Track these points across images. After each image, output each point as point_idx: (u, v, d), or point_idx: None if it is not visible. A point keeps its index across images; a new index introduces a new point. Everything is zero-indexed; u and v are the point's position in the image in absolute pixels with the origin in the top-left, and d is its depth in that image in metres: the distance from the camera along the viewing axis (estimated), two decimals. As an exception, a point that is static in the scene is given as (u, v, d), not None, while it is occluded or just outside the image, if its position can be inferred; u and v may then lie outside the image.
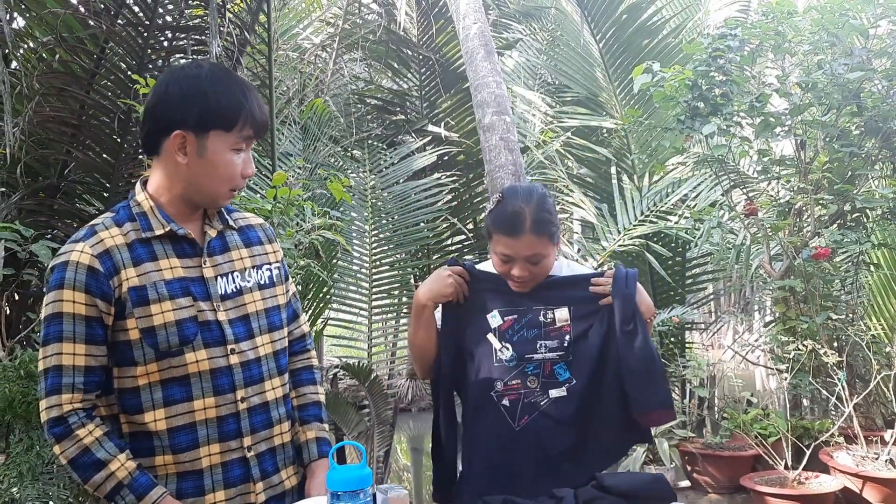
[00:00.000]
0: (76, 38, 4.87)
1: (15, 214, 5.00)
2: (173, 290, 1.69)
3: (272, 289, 1.86)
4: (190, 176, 1.70)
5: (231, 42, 5.02)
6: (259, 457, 1.79)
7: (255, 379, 1.78)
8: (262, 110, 1.73)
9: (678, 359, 4.48)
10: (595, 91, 6.87)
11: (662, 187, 6.35)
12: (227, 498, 1.74)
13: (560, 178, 6.53)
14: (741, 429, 3.98)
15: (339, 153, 6.19)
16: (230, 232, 1.84)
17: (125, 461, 1.65)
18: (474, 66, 5.64)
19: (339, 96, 6.48)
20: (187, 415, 1.70)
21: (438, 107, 6.95)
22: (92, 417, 1.67)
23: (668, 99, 4.56)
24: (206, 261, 1.76)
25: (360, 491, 1.46)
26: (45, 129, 4.87)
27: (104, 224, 1.72)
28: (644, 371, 1.99)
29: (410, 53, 6.98)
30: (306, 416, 1.93)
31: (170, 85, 1.71)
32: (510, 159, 5.39)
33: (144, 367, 1.68)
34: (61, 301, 1.64)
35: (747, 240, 4.68)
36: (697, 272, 6.74)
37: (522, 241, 2.00)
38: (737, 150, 4.62)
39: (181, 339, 1.68)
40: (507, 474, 2.03)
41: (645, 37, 6.57)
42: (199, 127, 1.66)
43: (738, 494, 3.94)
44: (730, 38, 4.39)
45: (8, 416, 2.46)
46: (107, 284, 1.65)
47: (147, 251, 1.70)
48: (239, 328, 1.76)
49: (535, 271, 2.04)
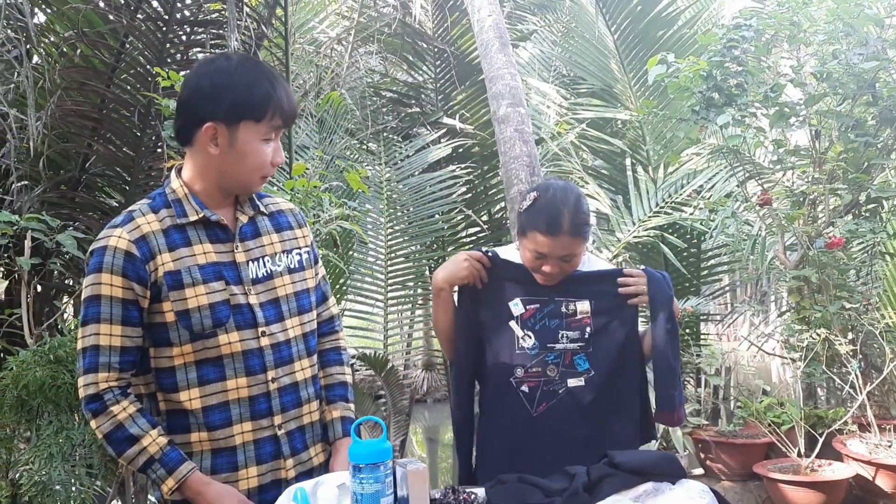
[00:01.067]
0: (97, 32, 4.94)
1: (38, 207, 5.10)
2: (207, 274, 1.76)
3: (302, 272, 1.93)
4: (222, 165, 1.77)
5: (249, 36, 5.08)
6: (289, 434, 1.86)
7: (285, 360, 1.85)
8: (291, 100, 1.79)
9: (692, 349, 4.50)
10: (610, 83, 6.87)
11: (677, 178, 6.36)
12: (259, 473, 1.82)
13: (575, 170, 6.56)
14: (755, 417, 4.01)
15: (354, 146, 6.24)
16: (261, 217, 1.90)
17: (157, 437, 1.72)
18: (489, 59, 5.67)
19: (355, 89, 6.53)
20: (220, 394, 1.77)
21: (453, 99, 6.99)
22: (126, 395, 1.75)
23: (682, 90, 4.57)
24: (237, 246, 1.83)
25: (380, 464, 1.51)
26: (67, 122, 4.95)
27: (141, 210, 1.79)
28: (674, 371, 2.05)
29: (425, 46, 7.01)
30: (333, 395, 1.99)
31: (201, 78, 1.77)
32: (525, 151, 5.41)
33: (180, 349, 1.75)
34: (100, 284, 1.71)
35: (762, 230, 4.69)
36: (713, 263, 6.74)
37: (560, 242, 2.05)
38: (752, 141, 4.63)
39: (214, 321, 1.75)
40: (523, 459, 2.08)
41: (660, 28, 6.57)
42: (229, 119, 1.72)
43: (751, 481, 3.96)
44: (745, 29, 4.39)
45: (38, 400, 2.53)
46: (143, 269, 1.72)
47: (182, 237, 1.77)
48: (269, 311, 1.83)
49: (566, 269, 2.11)
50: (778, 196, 4.65)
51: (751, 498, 3.90)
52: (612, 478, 1.71)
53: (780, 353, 4.72)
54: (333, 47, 6.76)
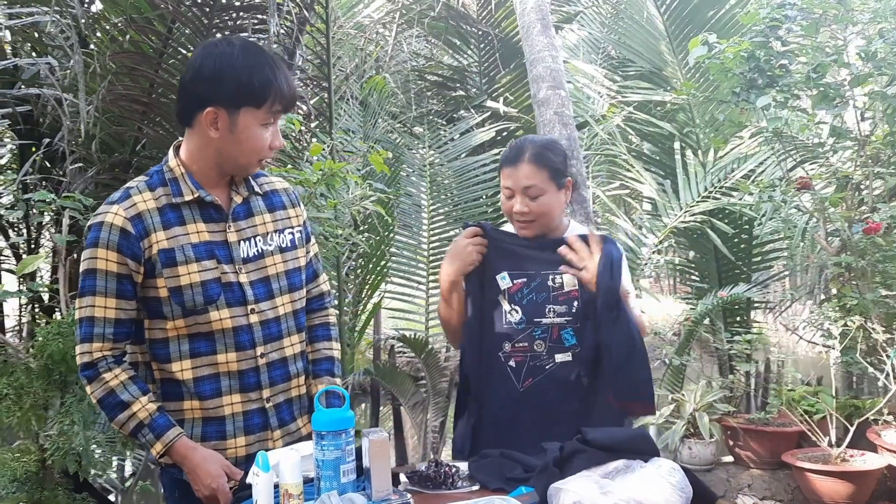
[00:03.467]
0: (145, 18, 5.11)
1: (92, 188, 5.32)
2: (199, 253, 1.83)
3: (293, 251, 1.98)
4: (221, 148, 1.82)
5: (291, 21, 5.18)
6: (277, 407, 1.93)
7: (274, 336, 1.91)
8: (291, 86, 1.83)
9: (733, 337, 4.42)
10: (659, 65, 6.75)
11: (727, 162, 6.22)
12: (248, 443, 1.89)
13: (621, 154, 6.48)
14: (787, 406, 3.93)
15: (398, 129, 6.30)
16: (255, 198, 1.96)
17: (146, 403, 1.80)
18: (530, 41, 5.64)
19: (399, 73, 6.58)
20: (211, 366, 1.85)
21: (497, 82, 6.97)
22: (120, 363, 1.83)
23: (724, 71, 4.48)
24: (230, 226, 1.88)
25: (342, 431, 1.56)
26: (118, 106, 5.14)
27: (138, 188, 1.85)
28: (624, 362, 2.02)
29: (469, 29, 7.00)
30: (319, 370, 2.05)
31: (204, 61, 1.81)
32: (564, 133, 5.38)
33: (173, 322, 1.83)
34: (95, 258, 1.79)
35: (804, 216, 4.56)
36: (766, 249, 6.56)
37: (521, 170, 2.08)
38: (795, 123, 4.50)
39: (205, 298, 1.82)
40: (512, 433, 2.10)
41: (710, 8, 6.41)
42: (230, 104, 1.77)
43: (780, 470, 3.88)
44: (788, 7, 4.27)
45: (63, 368, 2.67)
46: (137, 246, 1.79)
47: (176, 216, 1.83)
48: (259, 289, 1.89)
49: (534, 208, 2.09)
50: (817, 178, 4.52)
51: (780, 487, 3.83)
52: (583, 454, 1.73)
53: (819, 342, 4.59)
54: (378, 31, 6.81)
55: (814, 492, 3.62)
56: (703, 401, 3.87)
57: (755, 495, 3.75)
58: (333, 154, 5.10)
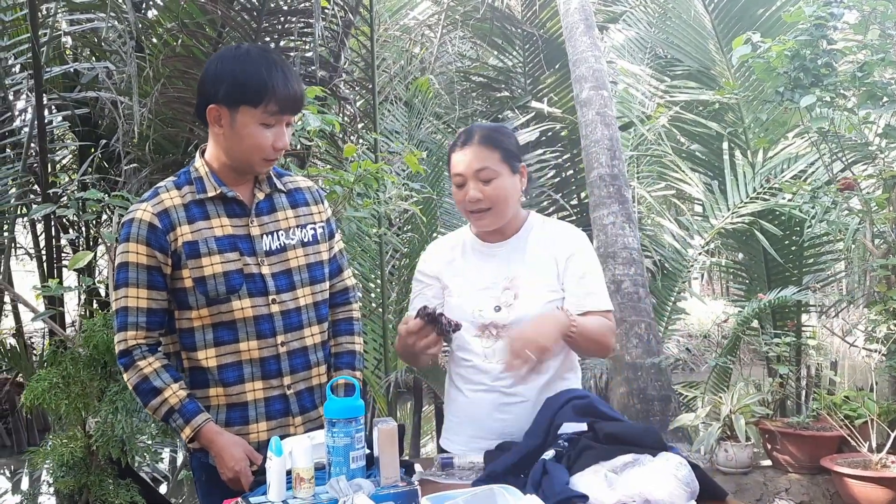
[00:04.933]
0: (196, 23, 5.29)
1: (147, 188, 5.52)
2: (222, 245, 1.93)
3: (315, 246, 2.07)
4: (227, 146, 1.93)
5: (336, 24, 5.29)
6: (298, 394, 2.01)
7: (295, 326, 2.00)
8: (289, 88, 1.90)
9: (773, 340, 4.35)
10: (707, 64, 6.67)
11: (777, 163, 6.11)
12: (269, 428, 1.98)
13: (667, 154, 6.42)
14: (829, 410, 3.86)
15: (443, 129, 6.37)
16: (278, 195, 2.05)
17: (177, 390, 1.92)
18: (573, 41, 5.65)
19: (444, 74, 6.64)
20: (234, 354, 1.95)
21: (542, 83, 6.98)
22: (154, 352, 1.95)
23: (769, 70, 4.42)
24: (253, 220, 1.98)
25: (352, 419, 1.62)
26: (171, 109, 5.32)
27: (166, 187, 1.98)
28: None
29: (514, 30, 7.03)
30: (340, 362, 2.13)
31: (211, 63, 1.95)
32: (606, 134, 5.38)
33: (198, 312, 1.93)
34: (127, 252, 1.91)
35: (846, 216, 4.47)
36: (819, 251, 6.41)
37: (471, 151, 2.01)
38: (843, 123, 4.42)
39: (228, 288, 1.92)
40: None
41: (759, 6, 6.31)
42: (229, 102, 1.87)
43: (819, 475, 3.82)
44: (834, 5, 4.20)
45: (108, 358, 2.81)
46: (164, 239, 1.90)
47: (201, 211, 1.95)
48: (281, 281, 1.99)
49: (489, 193, 2.00)
50: (871, 180, 4.43)
51: (818, 492, 3.77)
52: (591, 450, 1.75)
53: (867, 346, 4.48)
54: (423, 32, 6.89)
55: (853, 497, 3.55)
56: (740, 403, 3.83)
57: (792, 500, 3.70)
58: (377, 154, 5.20)
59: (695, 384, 5.53)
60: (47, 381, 2.90)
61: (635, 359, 4.67)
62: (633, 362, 4.66)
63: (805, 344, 5.34)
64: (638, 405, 4.56)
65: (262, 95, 1.86)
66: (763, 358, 5.47)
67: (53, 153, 6.35)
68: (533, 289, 2.05)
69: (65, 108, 5.93)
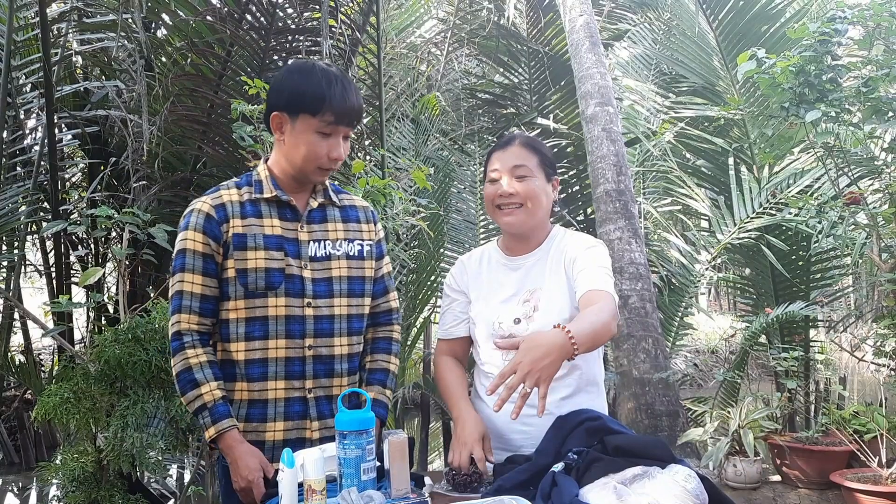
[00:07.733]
0: (205, 42, 5.35)
1: (156, 206, 5.57)
2: (269, 243, 2.00)
3: (360, 261, 2.11)
4: (286, 152, 2.02)
5: (343, 42, 5.34)
6: (317, 399, 2.04)
7: (325, 332, 2.04)
8: (346, 100, 1.97)
9: (780, 354, 4.35)
10: (712, 80, 6.70)
11: (783, 178, 6.12)
12: (286, 429, 2.01)
13: (672, 170, 6.45)
14: (839, 425, 3.85)
15: (449, 146, 6.40)
16: (332, 208, 2.11)
17: (214, 388, 1.95)
18: (579, 58, 5.69)
19: (450, 91, 6.69)
20: (261, 350, 1.99)
21: (548, 99, 7.02)
22: (205, 344, 2.00)
23: (774, 86, 4.44)
24: (303, 226, 2.05)
25: (363, 431, 1.64)
26: (180, 126, 5.37)
27: (227, 185, 2.08)
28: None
29: (519, 47, 7.08)
30: (372, 378, 2.16)
31: (279, 74, 2.05)
32: (612, 150, 5.40)
33: (234, 303, 1.99)
34: (185, 239, 1.99)
35: (851, 230, 4.47)
36: (826, 266, 6.40)
37: (511, 151, 2.09)
38: (845, 137, 4.43)
39: (267, 284, 1.97)
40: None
41: (764, 23, 6.35)
42: (290, 109, 1.96)
43: (829, 490, 3.80)
44: (839, 21, 4.23)
45: (119, 373, 2.82)
46: (218, 229, 1.98)
47: (255, 209, 2.03)
48: (320, 287, 2.03)
49: (521, 189, 2.04)
50: (876, 194, 4.43)
51: (828, 507, 3.76)
52: (600, 462, 1.76)
53: (876, 361, 4.47)
54: (430, 50, 6.95)
55: (863, 513, 3.54)
56: (749, 418, 3.82)
57: (802, 515, 3.69)
58: (384, 170, 5.23)
59: (703, 399, 5.52)
60: (58, 396, 2.92)
61: (643, 374, 4.67)
62: (641, 377, 4.66)
63: (813, 359, 5.33)
64: (646, 420, 4.56)
65: (320, 105, 1.93)
66: (771, 373, 5.46)
67: (64, 171, 6.41)
68: (552, 301, 2.06)
69: (75, 126, 5.99)
